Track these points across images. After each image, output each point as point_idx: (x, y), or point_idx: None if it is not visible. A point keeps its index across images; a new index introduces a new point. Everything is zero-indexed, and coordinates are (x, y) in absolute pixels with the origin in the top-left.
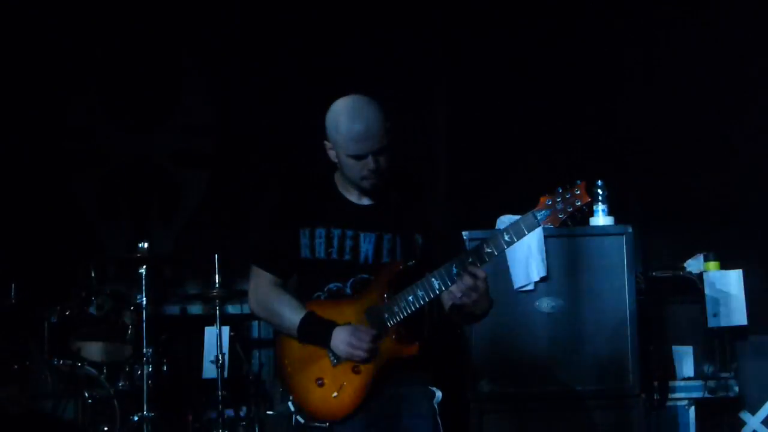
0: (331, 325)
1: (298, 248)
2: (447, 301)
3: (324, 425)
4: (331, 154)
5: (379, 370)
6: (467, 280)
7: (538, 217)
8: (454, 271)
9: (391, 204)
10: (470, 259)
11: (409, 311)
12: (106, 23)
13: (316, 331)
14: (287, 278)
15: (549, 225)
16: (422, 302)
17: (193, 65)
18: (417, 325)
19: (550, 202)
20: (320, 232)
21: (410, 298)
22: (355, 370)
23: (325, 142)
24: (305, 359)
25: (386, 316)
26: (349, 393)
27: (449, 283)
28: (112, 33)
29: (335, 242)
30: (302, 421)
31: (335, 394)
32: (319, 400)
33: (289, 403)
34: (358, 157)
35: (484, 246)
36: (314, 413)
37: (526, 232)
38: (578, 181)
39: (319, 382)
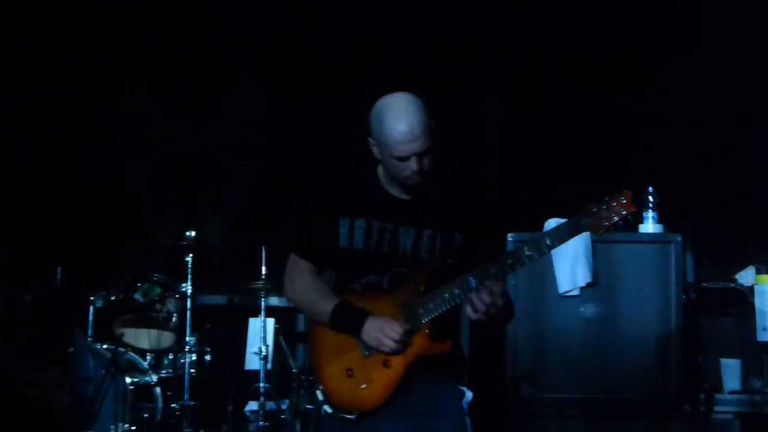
0: (364, 314)
1: (337, 238)
2: (467, 314)
3: (351, 416)
4: (375, 150)
5: (409, 365)
6: (485, 297)
7: (582, 223)
8: (492, 272)
9: (433, 200)
10: (509, 261)
11: (444, 309)
12: (162, 13)
13: (348, 319)
14: (323, 267)
15: (592, 232)
16: (458, 301)
17: (247, 57)
18: (451, 323)
19: (594, 209)
20: (360, 223)
21: (446, 295)
22: (386, 364)
23: (369, 139)
24: (337, 349)
25: (421, 311)
26: (378, 386)
27: (486, 284)
28: (168, 22)
29: (375, 234)
30: (330, 410)
31: (364, 386)
32: (348, 391)
33: (318, 392)
34: (402, 159)
35: (525, 249)
36: (342, 404)
37: (568, 238)
38: (625, 191)
39: (350, 372)
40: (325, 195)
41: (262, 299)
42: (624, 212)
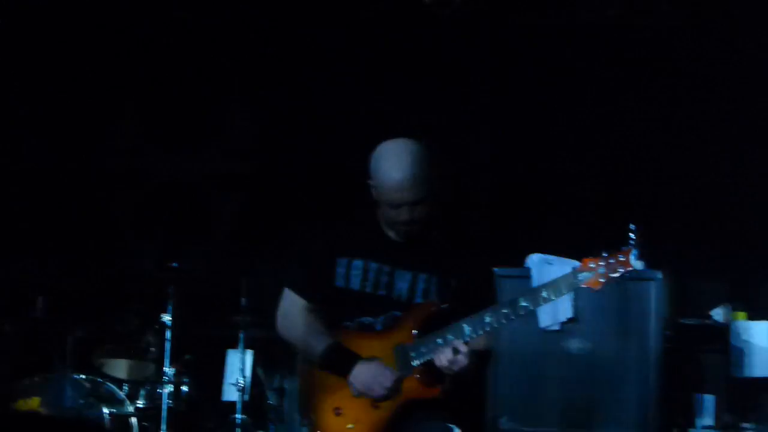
0: (355, 358)
1: (334, 277)
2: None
3: None
4: (374, 192)
5: (398, 407)
6: (448, 354)
7: (579, 278)
8: (487, 320)
9: (430, 245)
10: (505, 310)
11: (436, 354)
12: (151, 44)
13: (338, 361)
14: (318, 305)
15: (588, 287)
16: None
17: (236, 89)
18: None
19: (593, 265)
20: (357, 263)
21: (439, 340)
22: (374, 405)
23: (369, 181)
24: (326, 386)
25: (413, 355)
26: (365, 426)
27: (480, 332)
28: (157, 53)
29: (371, 276)
30: None
31: (351, 425)
32: (334, 429)
33: (304, 430)
34: (394, 206)
35: (521, 300)
36: None
37: (565, 292)
38: (624, 248)
39: (337, 411)
40: (325, 233)
41: (242, 331)
42: (621, 269)
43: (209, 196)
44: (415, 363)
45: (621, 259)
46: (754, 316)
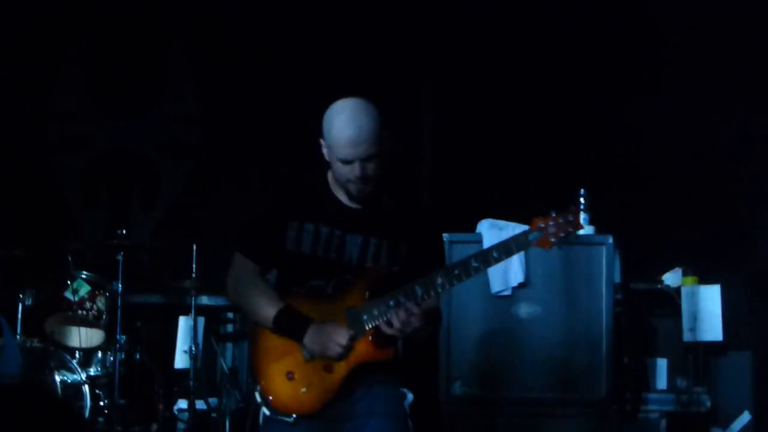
0: (308, 320)
1: (285, 240)
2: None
3: (289, 419)
4: (325, 153)
5: (351, 370)
6: (401, 315)
7: (530, 238)
8: (439, 281)
9: (380, 209)
10: (456, 271)
11: (388, 316)
12: (93, 8)
13: (291, 325)
14: (268, 268)
15: (539, 247)
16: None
17: (180, 54)
18: None
19: (542, 225)
20: (308, 227)
21: (391, 302)
22: (327, 369)
23: (321, 140)
24: (278, 351)
25: (365, 318)
26: (318, 390)
27: (432, 293)
28: (99, 18)
29: (322, 239)
30: (268, 413)
31: (304, 389)
32: (287, 394)
33: (256, 393)
34: (346, 162)
35: (472, 261)
36: (281, 406)
37: (516, 252)
38: (573, 208)
39: (290, 375)
40: (275, 197)
41: (192, 298)
42: (571, 229)
43: (156, 162)
44: (368, 326)
45: (570, 219)
46: (704, 280)
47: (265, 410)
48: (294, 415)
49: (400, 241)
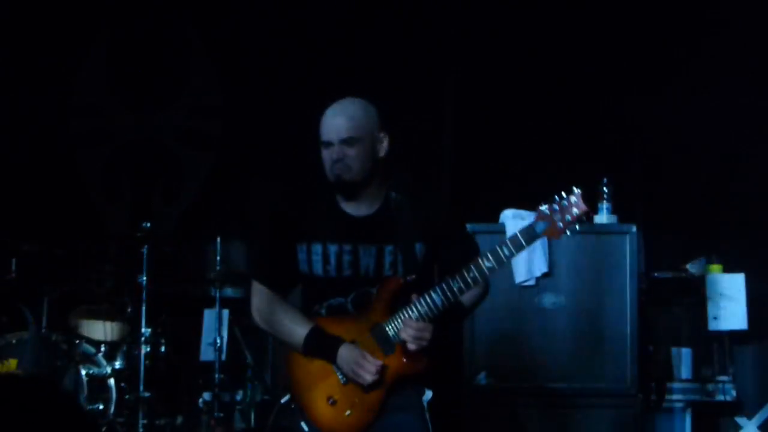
0: (336, 341)
1: (297, 263)
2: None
3: None
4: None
5: (389, 386)
6: (410, 332)
7: (537, 230)
8: (456, 287)
9: (390, 212)
10: (471, 275)
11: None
12: (115, 1)
13: (321, 347)
14: (287, 292)
15: (550, 237)
16: (425, 318)
17: (203, 46)
18: None
19: (547, 212)
20: (316, 248)
21: (413, 314)
22: (365, 390)
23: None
24: (314, 377)
25: (391, 334)
26: (361, 411)
27: (452, 298)
28: (121, 11)
29: (332, 259)
30: None
31: (349, 412)
32: (335, 420)
33: (302, 424)
34: (327, 144)
35: (485, 262)
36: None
37: (527, 245)
38: (574, 189)
39: (331, 400)
40: (279, 219)
41: (217, 290)
42: (576, 212)
43: (179, 155)
44: (395, 340)
45: (573, 201)
46: (729, 268)
47: None
48: None
49: (413, 245)
